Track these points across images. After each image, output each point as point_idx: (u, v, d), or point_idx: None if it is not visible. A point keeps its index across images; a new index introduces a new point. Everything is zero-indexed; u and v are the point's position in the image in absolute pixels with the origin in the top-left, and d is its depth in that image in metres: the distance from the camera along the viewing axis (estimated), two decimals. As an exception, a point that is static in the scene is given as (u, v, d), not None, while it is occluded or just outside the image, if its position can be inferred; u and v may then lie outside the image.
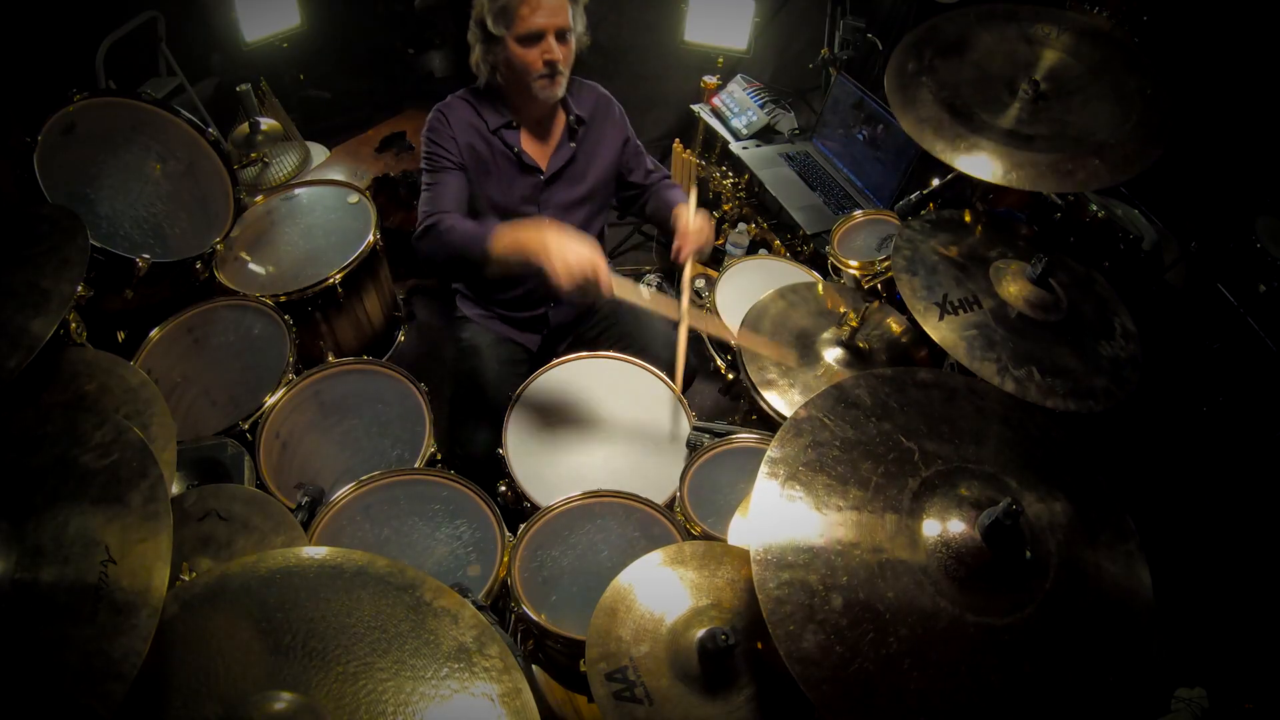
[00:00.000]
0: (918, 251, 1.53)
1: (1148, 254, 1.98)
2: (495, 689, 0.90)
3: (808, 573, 0.94)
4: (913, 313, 1.43)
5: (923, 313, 1.43)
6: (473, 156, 1.87)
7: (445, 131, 1.85)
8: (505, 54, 1.76)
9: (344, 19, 3.28)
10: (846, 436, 1.07)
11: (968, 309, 1.43)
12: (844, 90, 2.70)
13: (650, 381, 1.86)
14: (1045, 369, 1.36)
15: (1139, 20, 2.06)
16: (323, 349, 2.07)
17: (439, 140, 1.85)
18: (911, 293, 1.45)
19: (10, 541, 0.87)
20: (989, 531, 0.94)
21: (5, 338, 1.20)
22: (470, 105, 1.89)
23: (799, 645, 0.89)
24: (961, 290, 1.47)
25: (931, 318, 1.42)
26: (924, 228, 1.59)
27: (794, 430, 1.08)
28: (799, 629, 0.90)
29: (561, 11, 1.72)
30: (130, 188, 1.89)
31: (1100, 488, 1.10)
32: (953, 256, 1.52)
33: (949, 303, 1.43)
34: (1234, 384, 1.88)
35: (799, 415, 1.10)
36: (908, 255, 1.52)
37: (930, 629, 0.92)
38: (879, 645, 0.90)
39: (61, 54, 2.44)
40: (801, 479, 1.03)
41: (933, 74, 1.64)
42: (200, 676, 0.89)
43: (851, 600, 0.92)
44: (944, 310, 1.42)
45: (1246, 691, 1.57)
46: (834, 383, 1.16)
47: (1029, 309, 1.45)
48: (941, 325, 1.41)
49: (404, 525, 1.53)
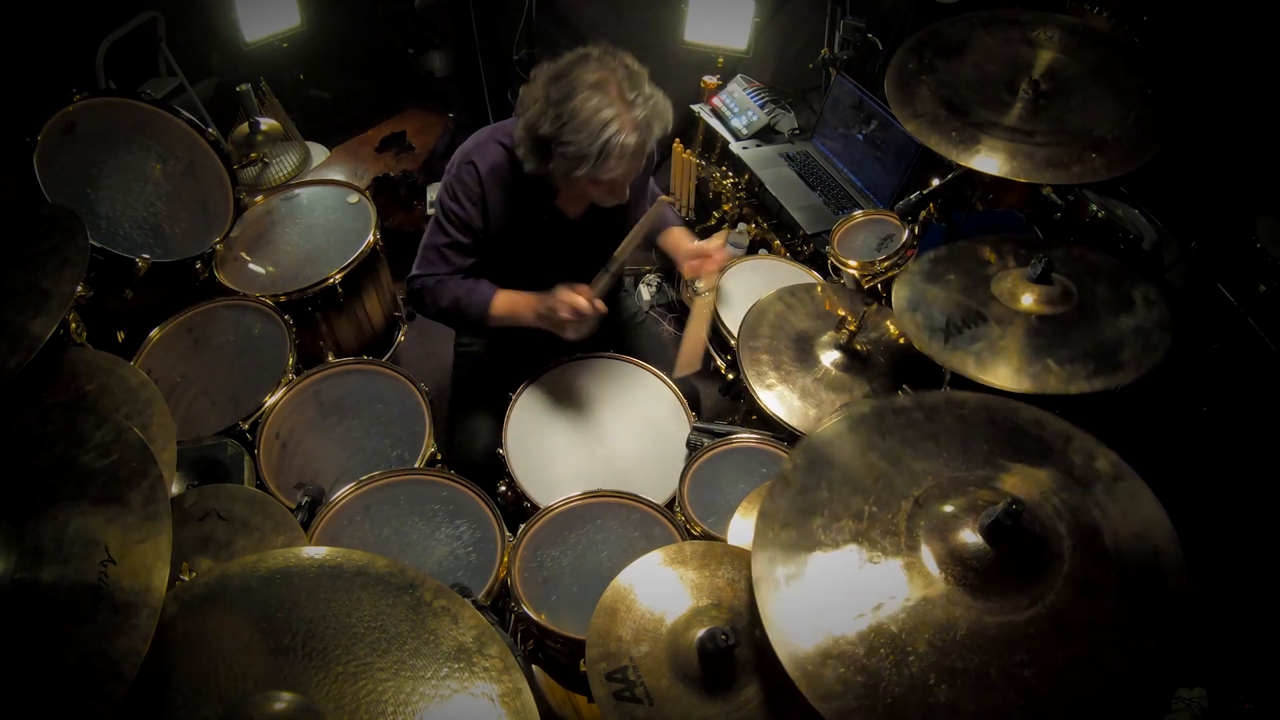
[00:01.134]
0: (922, 297, 1.51)
1: (1148, 254, 1.98)
2: (495, 689, 0.90)
3: None
4: (919, 346, 1.42)
5: (927, 342, 1.41)
6: (500, 211, 1.73)
7: (473, 190, 1.69)
8: (565, 178, 1.57)
9: (344, 19, 3.28)
10: (831, 478, 1.06)
11: (971, 325, 1.43)
12: (844, 90, 2.70)
13: (650, 381, 1.86)
14: (1062, 359, 1.35)
15: (1139, 20, 2.06)
16: (323, 349, 2.07)
17: (463, 197, 1.70)
18: (916, 330, 1.44)
19: (10, 541, 0.87)
20: (990, 532, 0.94)
21: (5, 338, 1.21)
22: (508, 155, 1.69)
23: (820, 683, 0.87)
24: (964, 306, 1.45)
25: (937, 345, 1.40)
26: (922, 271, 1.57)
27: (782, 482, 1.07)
28: (816, 667, 0.89)
29: (640, 159, 1.56)
30: (130, 188, 1.89)
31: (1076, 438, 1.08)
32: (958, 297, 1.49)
33: (953, 326, 1.42)
34: (1234, 384, 1.88)
35: (785, 468, 1.08)
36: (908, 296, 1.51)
37: (949, 640, 0.90)
38: (900, 667, 0.88)
39: (61, 54, 2.45)
40: (795, 526, 1.01)
41: (932, 73, 1.64)
42: (200, 676, 0.89)
43: (863, 631, 0.91)
44: (948, 334, 1.41)
45: (1246, 691, 1.56)
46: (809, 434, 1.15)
47: (1041, 308, 1.44)
48: (948, 349, 1.39)
49: (404, 525, 1.53)
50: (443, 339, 2.74)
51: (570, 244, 1.83)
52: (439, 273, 1.75)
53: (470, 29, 3.25)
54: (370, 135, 3.02)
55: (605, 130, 1.45)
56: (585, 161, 1.48)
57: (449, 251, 1.74)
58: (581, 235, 1.83)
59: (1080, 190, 2.01)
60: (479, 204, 1.70)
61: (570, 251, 1.83)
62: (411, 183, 2.81)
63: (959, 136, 1.54)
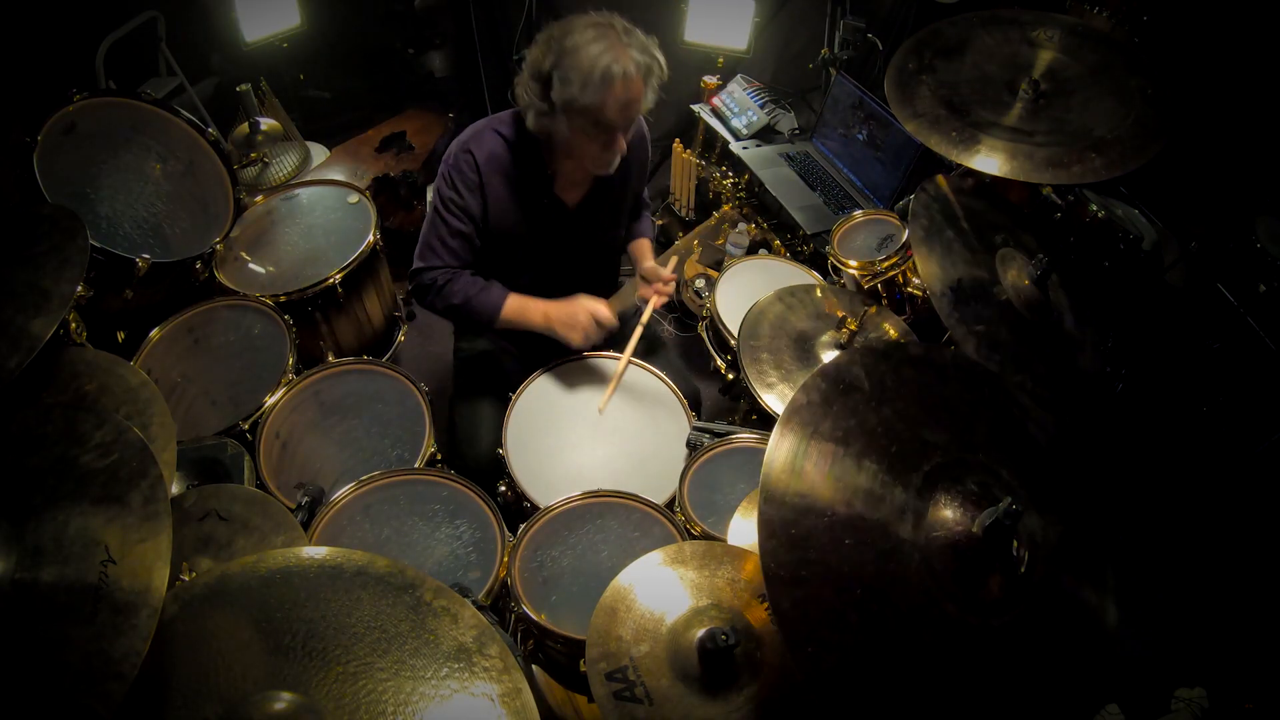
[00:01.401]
0: (934, 221, 1.50)
1: (1148, 254, 1.98)
2: (495, 689, 0.90)
3: (822, 589, 0.91)
4: (928, 286, 1.41)
5: (939, 296, 1.40)
6: (498, 200, 1.75)
7: (471, 178, 1.71)
8: (568, 134, 1.60)
9: (344, 19, 3.28)
10: (848, 426, 1.02)
11: (978, 301, 1.42)
12: (844, 90, 2.70)
13: (650, 381, 1.86)
14: (1038, 378, 1.36)
15: (1139, 20, 2.07)
16: (323, 349, 2.07)
17: (460, 186, 1.71)
18: (927, 255, 1.42)
19: (10, 541, 0.87)
20: (990, 532, 0.94)
21: (5, 338, 1.20)
22: (505, 145, 1.73)
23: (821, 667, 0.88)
24: (973, 274, 1.45)
25: (946, 304, 1.39)
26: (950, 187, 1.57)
27: (797, 413, 1.03)
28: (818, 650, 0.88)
29: (639, 102, 1.57)
30: (130, 188, 1.89)
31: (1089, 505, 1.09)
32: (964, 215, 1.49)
33: (963, 287, 1.42)
34: (1234, 384, 1.88)
35: (798, 401, 1.04)
36: (925, 225, 1.50)
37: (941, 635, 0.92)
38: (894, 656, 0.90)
39: (61, 54, 2.45)
40: (814, 450, 0.99)
41: (932, 73, 1.64)
42: (200, 676, 0.89)
43: (866, 614, 0.91)
44: (958, 297, 1.40)
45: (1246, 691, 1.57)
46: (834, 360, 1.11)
47: (1024, 309, 1.45)
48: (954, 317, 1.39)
49: (404, 525, 1.53)
50: (443, 339, 2.74)
51: (568, 232, 1.85)
52: (442, 266, 1.77)
53: (470, 29, 3.25)
54: (370, 135, 3.02)
55: (603, 57, 1.49)
56: (587, 89, 1.50)
57: (451, 241, 1.75)
58: (579, 223, 1.85)
59: (1080, 190, 2.01)
60: (477, 192, 1.72)
61: (568, 240, 1.86)
62: (411, 183, 2.81)
63: (959, 136, 1.54)
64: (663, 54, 1.59)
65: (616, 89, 1.50)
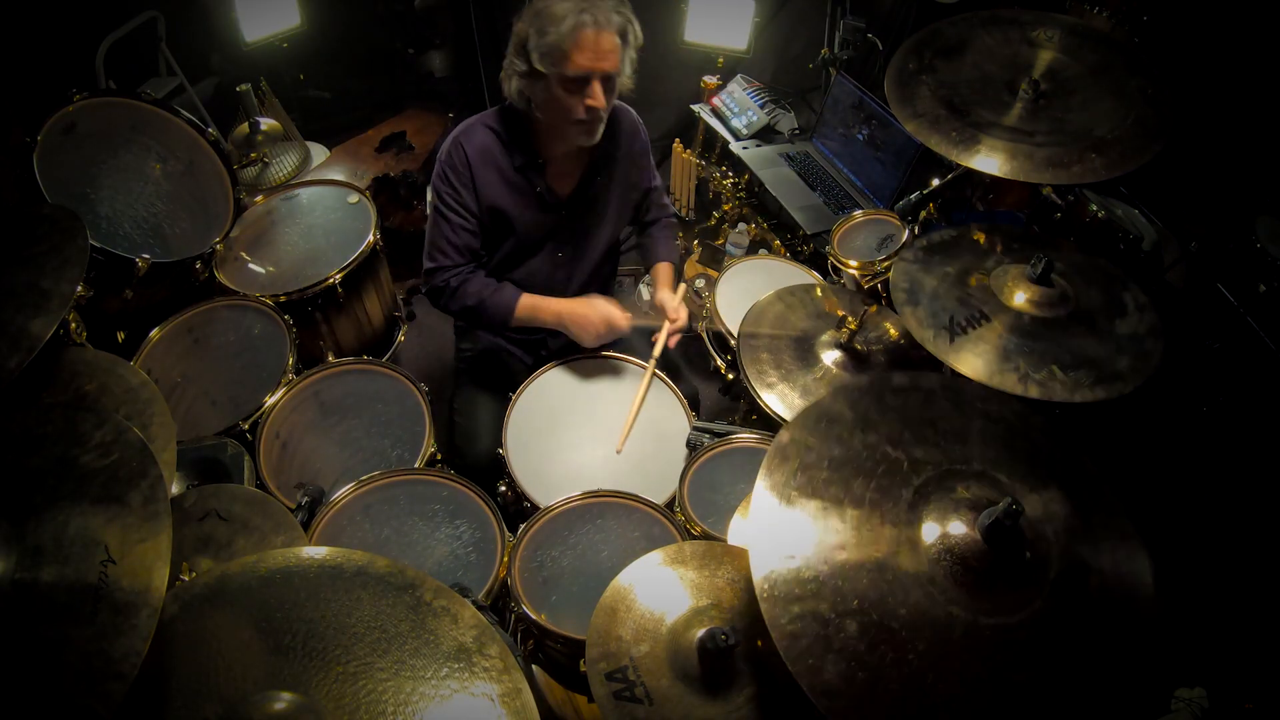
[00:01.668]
0: (916, 282, 1.50)
1: (1148, 254, 1.98)
2: (495, 689, 0.90)
3: (818, 602, 0.92)
4: (924, 344, 1.40)
5: (933, 341, 1.40)
6: (490, 192, 1.79)
7: (463, 173, 1.75)
8: (547, 94, 1.65)
9: (344, 19, 3.28)
10: (833, 455, 1.05)
11: (975, 325, 1.42)
12: (844, 90, 2.70)
13: (650, 381, 1.86)
14: (1067, 365, 1.35)
15: (1139, 20, 2.06)
16: (323, 349, 2.07)
17: (455, 181, 1.76)
18: (918, 325, 1.42)
19: (10, 541, 0.87)
20: (990, 532, 0.94)
21: (5, 338, 1.20)
22: (495, 137, 1.78)
23: (821, 678, 0.87)
24: (966, 309, 1.44)
25: (943, 344, 1.39)
26: (917, 257, 1.57)
27: (780, 456, 1.06)
28: (818, 661, 0.88)
29: (612, 55, 1.62)
30: (130, 188, 1.89)
31: (1087, 472, 1.08)
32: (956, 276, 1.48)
33: (956, 324, 1.42)
34: (1234, 384, 1.88)
35: (782, 440, 1.07)
36: (906, 289, 1.49)
37: (948, 639, 0.91)
38: (900, 665, 0.88)
39: (61, 54, 2.45)
40: (796, 505, 1.00)
41: (932, 73, 1.64)
42: (200, 676, 0.88)
43: (866, 623, 0.91)
44: (953, 332, 1.41)
45: (1246, 691, 1.56)
46: (815, 400, 1.14)
47: (1037, 309, 1.43)
48: (955, 349, 1.38)
49: (404, 525, 1.53)
50: (443, 339, 2.74)
51: (561, 223, 1.87)
52: (452, 266, 1.80)
53: (470, 29, 3.25)
54: (370, 135, 3.02)
55: (573, 14, 1.56)
56: (559, 34, 1.56)
57: (455, 238, 1.79)
58: (572, 214, 1.87)
59: (1080, 190, 2.01)
60: (469, 185, 1.76)
61: (562, 232, 1.88)
62: (411, 183, 2.81)
63: (959, 136, 1.54)
64: (658, 50, 1.61)
65: (587, 33, 1.57)
